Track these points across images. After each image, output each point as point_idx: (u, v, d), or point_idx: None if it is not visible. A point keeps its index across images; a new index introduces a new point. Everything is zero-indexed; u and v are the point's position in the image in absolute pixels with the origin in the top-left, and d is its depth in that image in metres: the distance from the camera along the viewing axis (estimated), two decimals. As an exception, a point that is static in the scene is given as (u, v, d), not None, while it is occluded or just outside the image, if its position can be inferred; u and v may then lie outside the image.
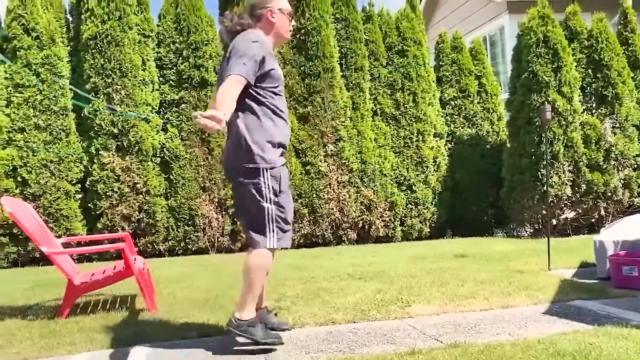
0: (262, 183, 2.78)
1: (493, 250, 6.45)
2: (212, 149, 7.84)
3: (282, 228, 2.86)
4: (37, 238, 3.77)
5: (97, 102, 7.39)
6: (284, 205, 2.86)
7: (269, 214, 2.79)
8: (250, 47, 2.71)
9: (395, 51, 8.89)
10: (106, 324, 3.46)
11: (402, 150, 8.73)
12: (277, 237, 2.84)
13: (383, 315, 3.48)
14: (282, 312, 3.59)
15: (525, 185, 8.05)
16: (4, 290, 5.03)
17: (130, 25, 7.66)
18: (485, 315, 3.46)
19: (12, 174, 7.27)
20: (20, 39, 7.37)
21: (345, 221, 8.28)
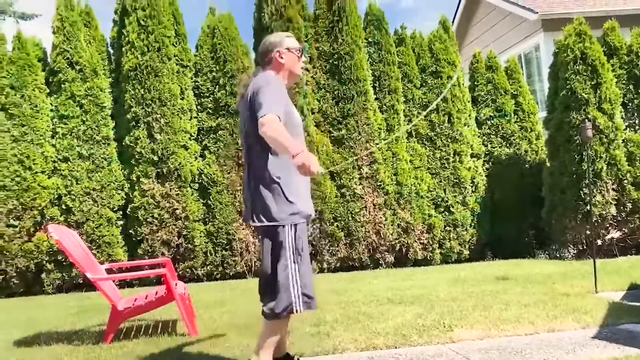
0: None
1: (536, 272, 6.27)
2: (248, 174, 7.94)
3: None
4: (82, 264, 3.86)
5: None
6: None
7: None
8: (272, 87, 2.69)
9: (429, 72, 8.89)
10: (149, 349, 3.50)
11: (439, 171, 8.65)
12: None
13: (425, 340, 3.42)
14: (322, 337, 3.57)
15: (567, 204, 7.84)
16: (50, 316, 5.15)
17: (169, 56, 7.90)
18: (531, 339, 3.36)
19: (57, 202, 7.51)
20: (65, 72, 7.68)
21: (382, 244, 8.21)
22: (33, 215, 7.35)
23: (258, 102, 2.63)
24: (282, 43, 2.96)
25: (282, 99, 2.71)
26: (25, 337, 4.12)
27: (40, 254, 7.31)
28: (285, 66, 2.95)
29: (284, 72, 2.96)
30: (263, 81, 2.74)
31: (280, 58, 2.94)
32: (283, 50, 2.94)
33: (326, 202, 8.00)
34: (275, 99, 2.65)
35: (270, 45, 2.96)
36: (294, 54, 2.97)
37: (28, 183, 7.33)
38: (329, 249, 8.04)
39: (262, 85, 2.70)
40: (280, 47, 2.94)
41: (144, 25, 7.83)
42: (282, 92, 2.77)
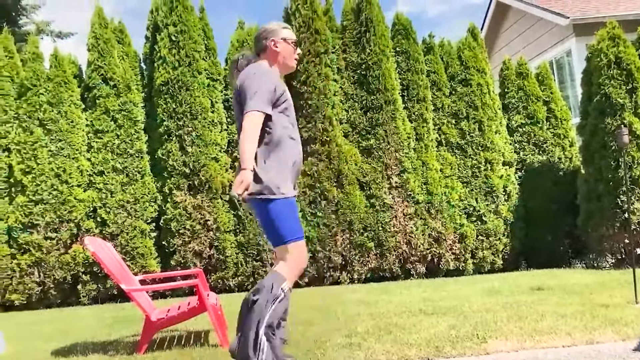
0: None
1: (572, 282, 6.11)
2: (278, 185, 7.98)
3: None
4: (117, 276, 3.94)
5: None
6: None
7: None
8: (259, 79, 2.81)
9: (458, 80, 8.82)
10: (182, 360, 3.54)
11: (470, 180, 8.55)
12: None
13: (458, 351, 3.36)
14: (353, 349, 3.54)
15: (604, 212, 7.64)
16: (86, 327, 5.26)
17: (200, 70, 8.05)
18: (568, 352, 3.27)
19: (92, 215, 7.69)
20: (99, 88, 7.89)
21: (413, 254, 8.14)
22: (69, 227, 7.54)
23: (245, 95, 2.77)
24: (278, 32, 3.01)
25: (269, 89, 2.79)
26: (63, 347, 4.21)
27: (77, 266, 7.48)
28: (280, 56, 3.00)
29: (278, 62, 3.01)
30: (251, 72, 2.83)
31: (274, 47, 2.99)
32: (278, 39, 2.99)
33: (355, 212, 7.97)
34: (262, 93, 2.76)
35: (266, 32, 3.01)
36: (289, 44, 3.02)
37: (65, 196, 7.53)
38: (359, 260, 8.00)
39: (250, 77, 2.80)
40: (276, 36, 2.99)
41: (175, 41, 8.00)
42: (271, 80, 2.84)
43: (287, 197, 2.83)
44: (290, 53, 3.04)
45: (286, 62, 3.05)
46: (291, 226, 2.82)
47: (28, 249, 7.42)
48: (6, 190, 7.65)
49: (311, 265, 7.94)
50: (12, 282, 7.40)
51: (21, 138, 7.59)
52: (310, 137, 8.16)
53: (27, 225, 7.43)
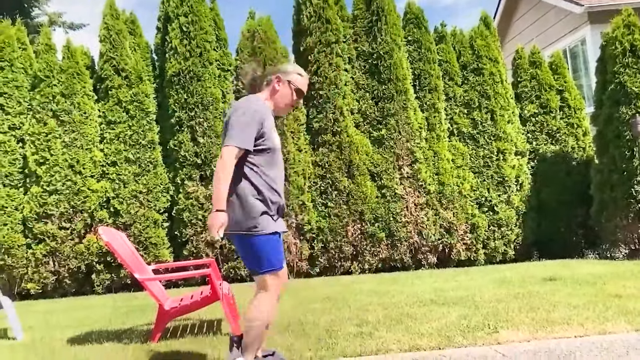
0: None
1: (585, 273, 6.07)
2: (288, 175, 7.99)
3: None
4: (131, 265, 3.98)
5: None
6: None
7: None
8: (245, 116, 2.77)
9: (470, 70, 8.75)
10: (195, 348, 3.58)
11: (482, 170, 8.50)
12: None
13: (470, 341, 3.36)
14: (365, 338, 3.56)
15: (617, 203, 7.57)
16: (100, 316, 5.33)
17: (211, 61, 8.05)
18: (581, 342, 3.25)
19: (105, 205, 7.76)
20: (111, 79, 7.93)
21: (424, 245, 8.13)
22: (83, 218, 7.62)
23: (228, 128, 2.77)
24: (288, 74, 2.98)
25: (252, 130, 2.76)
26: (79, 335, 4.28)
27: (91, 256, 7.57)
28: (276, 95, 2.97)
29: (273, 101, 2.98)
30: (240, 107, 2.80)
31: (277, 84, 2.97)
32: (284, 79, 2.96)
33: (367, 203, 7.97)
34: (245, 130, 2.74)
35: (278, 70, 2.99)
36: (291, 89, 2.97)
37: (78, 187, 7.60)
38: (370, 250, 8.01)
39: (237, 111, 2.78)
40: (284, 75, 2.96)
41: (186, 31, 8.01)
42: (257, 120, 2.78)
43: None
44: (288, 98, 2.99)
45: (279, 104, 2.99)
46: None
47: (43, 239, 7.52)
48: (21, 180, 7.74)
49: (322, 255, 7.96)
50: (28, 271, 7.51)
51: (35, 129, 7.66)
52: (321, 127, 8.15)
53: (42, 216, 7.52)
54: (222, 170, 2.71)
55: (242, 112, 2.78)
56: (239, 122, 2.75)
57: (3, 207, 7.52)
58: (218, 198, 2.71)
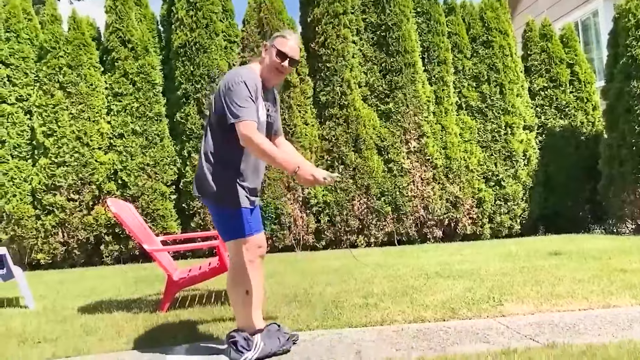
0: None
1: (591, 248, 6.09)
2: (296, 149, 7.97)
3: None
4: (139, 236, 4.02)
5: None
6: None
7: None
8: (239, 87, 2.68)
9: (480, 42, 8.63)
10: (203, 318, 3.64)
11: (490, 145, 8.46)
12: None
13: (474, 313, 3.40)
14: (370, 309, 3.60)
15: (625, 178, 7.53)
16: (110, 286, 5.41)
17: (217, 32, 7.98)
18: (584, 315, 3.28)
19: (113, 177, 7.81)
20: (117, 50, 7.89)
21: (430, 219, 8.15)
22: (91, 189, 7.68)
23: (230, 103, 2.66)
24: (273, 38, 2.86)
25: (250, 96, 2.68)
26: (89, 305, 4.35)
27: (99, 227, 7.65)
28: (264, 62, 2.86)
29: (262, 69, 2.87)
30: (234, 80, 2.70)
31: (264, 51, 2.87)
32: (269, 46, 2.85)
33: (373, 177, 7.97)
34: (247, 103, 2.65)
35: (273, 36, 2.89)
36: (275, 56, 2.81)
37: (86, 159, 7.64)
38: (376, 224, 8.04)
39: (234, 85, 2.69)
40: (269, 41, 2.86)
41: (192, 2, 7.92)
42: (251, 88, 2.70)
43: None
44: (273, 64, 2.82)
45: (266, 72, 2.85)
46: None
47: (52, 210, 7.59)
48: (29, 152, 7.78)
49: (328, 229, 8.00)
50: (38, 242, 7.61)
51: (42, 101, 7.67)
52: (328, 100, 8.11)
53: (51, 187, 7.58)
54: (259, 146, 2.61)
55: (239, 84, 2.68)
56: (238, 96, 2.66)
57: (12, 179, 7.59)
58: (287, 162, 2.65)
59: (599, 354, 2.46)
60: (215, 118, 2.79)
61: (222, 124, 2.74)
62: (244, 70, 2.82)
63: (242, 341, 2.76)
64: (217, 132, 2.80)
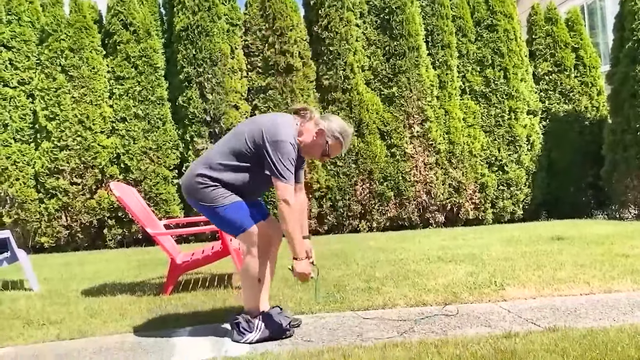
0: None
1: (593, 233, 6.09)
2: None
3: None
4: (143, 220, 4.04)
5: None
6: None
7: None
8: (289, 149, 2.71)
9: (484, 26, 8.55)
10: (206, 301, 3.66)
11: (493, 129, 8.42)
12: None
13: (476, 298, 3.41)
14: (372, 293, 3.62)
15: (629, 163, 7.51)
16: (113, 269, 5.45)
17: (219, 15, 7.92)
18: (586, 299, 3.29)
19: (116, 161, 7.81)
20: (119, 33, 7.84)
21: (433, 204, 8.15)
22: (94, 173, 7.69)
23: (275, 159, 2.69)
24: (331, 135, 2.83)
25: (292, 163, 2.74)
26: (92, 288, 4.38)
27: (102, 211, 7.67)
28: (309, 143, 2.86)
29: (304, 143, 2.86)
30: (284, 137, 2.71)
31: (316, 136, 2.85)
32: (328, 135, 2.83)
33: (376, 162, 7.96)
34: (288, 164, 2.71)
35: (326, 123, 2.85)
36: (323, 148, 2.85)
37: (89, 143, 7.64)
38: (378, 209, 8.05)
39: (283, 142, 2.70)
40: (328, 132, 2.83)
41: (194, -15, 7.84)
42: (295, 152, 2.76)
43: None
44: (316, 152, 2.89)
45: (306, 149, 2.88)
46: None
47: (55, 194, 7.62)
48: (32, 136, 7.78)
49: (331, 213, 8.02)
50: (41, 225, 7.64)
51: (44, 84, 7.64)
52: (331, 84, 8.07)
53: (53, 171, 7.59)
54: (291, 213, 2.71)
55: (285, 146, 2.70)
56: (286, 157, 2.70)
57: (15, 162, 7.60)
58: (296, 246, 2.74)
59: (599, 338, 2.48)
60: (242, 145, 2.78)
61: (245, 155, 2.77)
62: (291, 130, 2.80)
63: (244, 323, 2.79)
64: (236, 156, 2.80)
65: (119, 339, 2.97)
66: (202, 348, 2.73)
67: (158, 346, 2.80)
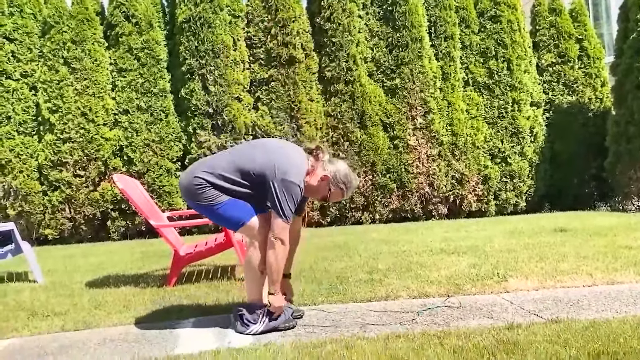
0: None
1: (596, 225, 6.08)
2: (300, 125, 7.96)
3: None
4: (146, 212, 4.05)
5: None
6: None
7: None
8: (297, 191, 2.73)
9: (488, 17, 8.50)
10: (209, 292, 3.67)
11: (496, 121, 8.40)
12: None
13: (478, 289, 3.42)
14: (375, 285, 3.63)
15: (633, 155, 7.48)
16: (117, 261, 5.47)
17: (221, 7, 7.89)
18: (588, 291, 3.30)
19: (119, 153, 7.82)
20: (121, 25, 7.82)
21: (436, 196, 8.15)
22: (97, 165, 7.71)
23: (281, 198, 2.69)
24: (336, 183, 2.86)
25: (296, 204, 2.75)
26: (96, 280, 4.41)
27: (105, 203, 7.69)
28: (314, 187, 2.87)
29: (310, 185, 2.87)
30: (295, 178, 2.73)
31: (321, 180, 2.86)
32: (332, 183, 2.85)
33: (378, 154, 7.96)
34: (292, 204, 2.72)
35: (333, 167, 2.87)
36: (327, 194, 2.89)
37: (91, 135, 7.65)
38: (381, 201, 8.05)
39: (292, 183, 2.71)
40: (333, 180, 2.85)
41: (196, -24, 7.81)
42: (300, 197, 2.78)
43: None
44: (320, 195, 2.93)
45: (310, 190, 2.89)
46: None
47: (58, 186, 7.64)
48: (35, 128, 7.80)
49: (334, 205, 8.02)
50: (45, 217, 7.67)
51: (47, 76, 7.65)
52: (334, 76, 8.05)
53: (57, 163, 7.61)
54: (282, 252, 2.75)
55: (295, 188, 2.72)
56: (292, 197, 2.71)
57: (18, 155, 7.62)
58: (275, 284, 2.78)
59: (601, 329, 2.48)
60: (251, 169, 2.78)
61: (251, 176, 2.78)
62: (303, 171, 2.82)
63: (248, 315, 2.80)
64: (241, 174, 2.80)
65: (123, 330, 2.99)
66: (206, 339, 2.74)
67: (162, 337, 2.82)
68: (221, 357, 2.43)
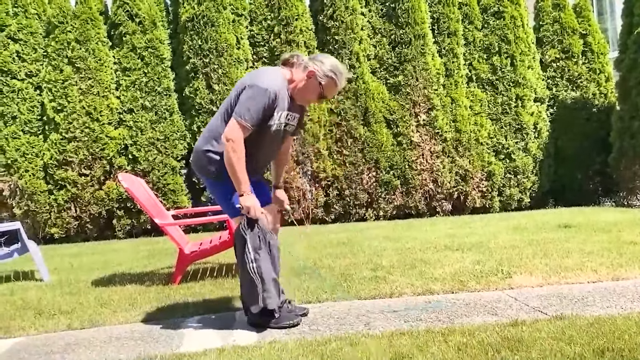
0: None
1: (601, 220, 6.06)
2: (304, 123, 7.95)
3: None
4: (151, 211, 4.07)
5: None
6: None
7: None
8: (261, 94, 2.63)
9: (491, 13, 8.47)
10: (214, 290, 3.70)
11: (500, 117, 8.38)
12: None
13: (483, 286, 3.42)
14: (379, 282, 3.64)
15: (637, 150, 7.46)
16: (123, 259, 5.50)
17: (224, 5, 7.90)
18: (593, 287, 3.30)
19: (124, 152, 7.85)
20: (125, 24, 7.84)
21: (439, 192, 8.14)
22: (102, 164, 7.74)
23: (244, 100, 2.63)
24: (325, 76, 2.73)
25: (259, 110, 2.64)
26: (102, 278, 4.43)
27: (111, 201, 7.73)
28: (303, 86, 2.78)
29: (297, 88, 2.78)
30: (260, 83, 2.65)
31: (308, 75, 2.76)
32: (320, 75, 2.73)
33: (382, 151, 7.96)
34: (254, 108, 2.62)
35: (320, 63, 2.75)
36: (319, 90, 2.77)
37: (96, 134, 7.68)
38: (384, 197, 8.06)
39: (256, 89, 2.64)
40: (319, 73, 2.73)
41: (199, -25, 7.82)
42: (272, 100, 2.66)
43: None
44: (312, 96, 2.80)
45: (303, 95, 2.80)
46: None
47: (64, 185, 7.68)
48: (40, 127, 7.84)
49: (337, 202, 8.03)
50: (51, 216, 7.71)
51: (51, 76, 7.68)
52: (337, 73, 8.02)
53: (62, 162, 7.65)
54: (234, 151, 2.62)
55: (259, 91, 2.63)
56: (253, 100, 2.62)
57: (24, 154, 7.66)
58: (241, 185, 2.66)
59: (606, 326, 2.48)
60: (233, 101, 2.76)
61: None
62: (272, 76, 2.73)
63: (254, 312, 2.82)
64: (227, 114, 2.78)
65: (129, 328, 3.01)
66: (211, 337, 2.76)
67: (167, 335, 2.84)
68: (226, 355, 2.44)
